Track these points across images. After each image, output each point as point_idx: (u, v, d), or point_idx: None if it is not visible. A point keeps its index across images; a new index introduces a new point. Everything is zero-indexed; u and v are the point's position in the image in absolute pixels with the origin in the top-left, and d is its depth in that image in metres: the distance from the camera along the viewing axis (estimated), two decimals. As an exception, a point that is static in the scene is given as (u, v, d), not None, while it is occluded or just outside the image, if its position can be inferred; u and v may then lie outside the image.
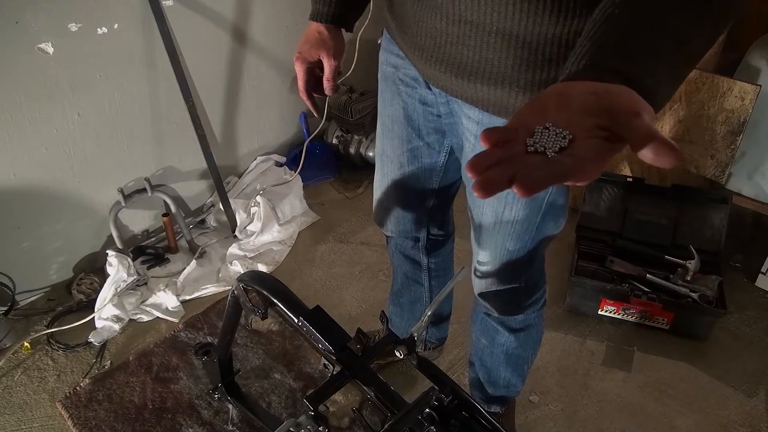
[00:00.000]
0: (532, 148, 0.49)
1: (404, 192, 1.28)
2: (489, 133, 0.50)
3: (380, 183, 1.31)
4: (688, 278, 1.87)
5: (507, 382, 1.44)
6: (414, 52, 0.99)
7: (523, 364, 1.41)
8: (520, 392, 1.53)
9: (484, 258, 1.17)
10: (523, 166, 0.48)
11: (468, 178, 1.09)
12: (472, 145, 1.04)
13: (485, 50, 0.87)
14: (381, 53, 1.15)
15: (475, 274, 1.22)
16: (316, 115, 1.12)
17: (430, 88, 1.06)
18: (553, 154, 0.49)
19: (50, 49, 1.70)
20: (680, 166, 2.05)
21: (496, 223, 1.09)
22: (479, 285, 1.22)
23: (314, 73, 1.13)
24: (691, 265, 1.87)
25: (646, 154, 0.48)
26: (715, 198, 1.95)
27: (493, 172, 0.47)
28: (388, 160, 1.25)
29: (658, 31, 0.55)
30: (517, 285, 1.19)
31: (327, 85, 1.11)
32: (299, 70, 1.11)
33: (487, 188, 0.46)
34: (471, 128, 1.02)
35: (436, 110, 1.10)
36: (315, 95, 1.15)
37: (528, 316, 1.28)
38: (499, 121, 0.94)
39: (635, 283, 1.90)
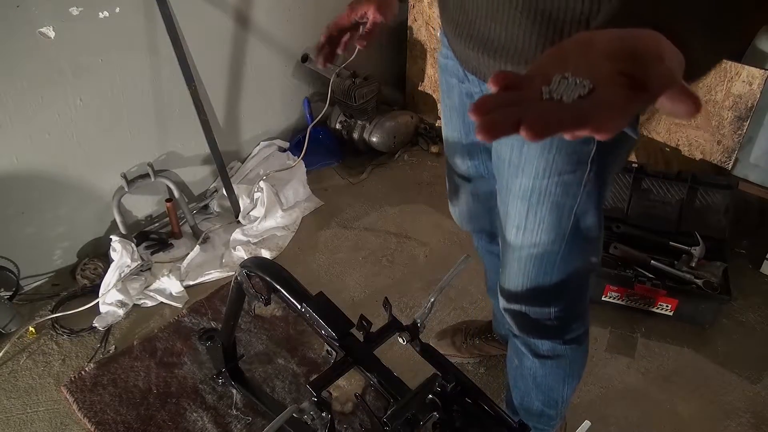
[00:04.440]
0: (548, 96, 0.45)
1: (469, 186, 1.25)
2: (499, 75, 0.45)
3: (449, 177, 1.30)
4: (693, 264, 1.86)
5: (540, 411, 1.34)
6: (450, 27, 0.98)
7: (557, 398, 1.31)
8: (556, 426, 1.44)
9: (509, 275, 1.11)
10: (534, 109, 0.43)
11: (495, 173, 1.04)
12: None
13: (513, 27, 0.85)
14: (441, 45, 1.13)
15: (500, 290, 1.16)
16: (321, 64, 1.14)
17: (469, 79, 1.04)
18: (570, 101, 0.45)
19: (51, 33, 1.69)
20: (687, 151, 2.04)
21: (519, 230, 1.03)
22: (502, 301, 1.16)
23: (355, 25, 1.13)
24: (696, 251, 1.86)
25: (664, 103, 0.44)
26: (721, 184, 1.93)
27: (499, 113, 0.43)
28: (452, 151, 1.23)
29: None
30: (546, 310, 1.12)
31: (360, 42, 1.10)
32: (345, 16, 1.12)
33: (491, 130, 0.42)
34: None
35: None
36: (338, 48, 1.14)
37: (557, 345, 1.19)
38: None
39: (639, 270, 1.89)
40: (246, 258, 2.06)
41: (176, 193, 2.10)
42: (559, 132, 0.42)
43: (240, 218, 2.23)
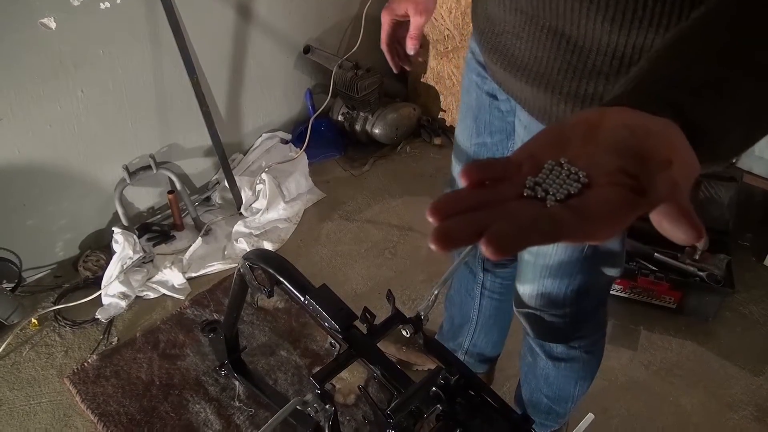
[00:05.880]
0: (530, 192, 0.38)
1: None
2: (471, 169, 0.38)
3: (453, 171, 1.26)
4: (696, 257, 1.86)
5: (548, 408, 1.35)
6: (477, 35, 0.95)
7: (567, 397, 1.31)
8: (563, 424, 1.46)
9: (524, 280, 1.11)
10: (502, 217, 0.36)
11: None
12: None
13: (536, 47, 0.81)
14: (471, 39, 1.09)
15: (515, 293, 1.14)
16: (395, 70, 1.12)
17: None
18: (553, 202, 0.37)
19: (53, 24, 1.68)
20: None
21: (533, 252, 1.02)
22: (517, 303, 1.15)
23: (399, 27, 1.09)
24: (700, 244, 1.86)
25: (662, 221, 0.37)
26: (724, 176, 1.92)
27: (459, 221, 0.35)
28: (459, 149, 1.20)
29: (742, 64, 0.44)
30: (560, 313, 1.10)
31: (410, 43, 1.05)
32: (384, 23, 1.07)
33: (444, 241, 0.35)
34: (520, 132, 0.96)
35: (503, 105, 1.04)
36: (399, 51, 1.11)
37: (572, 349, 1.19)
38: None
39: (642, 262, 1.89)
40: (248, 250, 2.06)
41: (178, 185, 2.10)
42: (527, 247, 0.35)
43: (242, 210, 2.23)
